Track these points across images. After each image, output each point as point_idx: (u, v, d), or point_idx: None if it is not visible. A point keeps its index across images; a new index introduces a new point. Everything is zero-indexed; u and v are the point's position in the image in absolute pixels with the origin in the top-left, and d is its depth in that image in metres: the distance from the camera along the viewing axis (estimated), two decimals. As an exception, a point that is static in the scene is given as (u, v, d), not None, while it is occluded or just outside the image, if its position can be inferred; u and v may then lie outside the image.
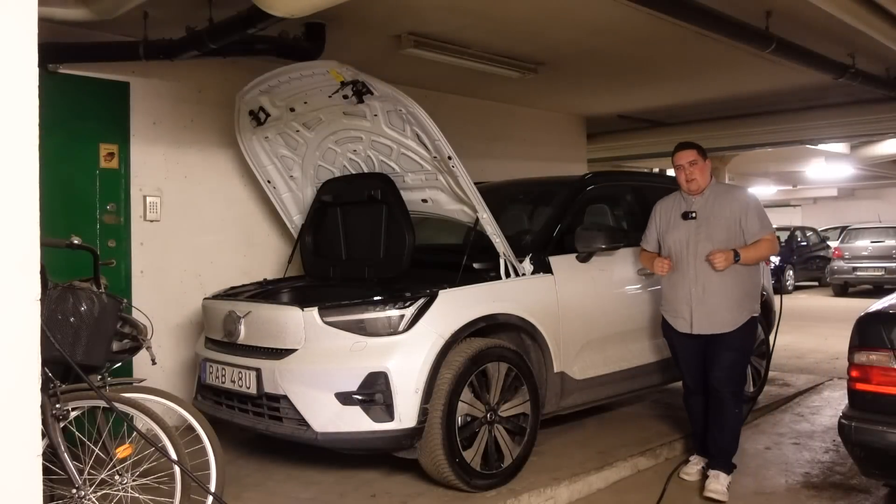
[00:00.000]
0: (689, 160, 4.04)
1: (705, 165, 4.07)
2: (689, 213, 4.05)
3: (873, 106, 8.07)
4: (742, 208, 3.98)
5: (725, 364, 3.95)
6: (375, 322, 3.73)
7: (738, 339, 3.96)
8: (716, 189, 4.11)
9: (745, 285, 3.99)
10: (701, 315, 3.97)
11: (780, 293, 6.49)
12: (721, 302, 3.93)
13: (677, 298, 4.07)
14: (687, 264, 4.01)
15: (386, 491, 3.87)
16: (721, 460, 3.99)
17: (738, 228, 3.96)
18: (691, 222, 4.04)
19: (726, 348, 3.95)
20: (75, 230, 3.38)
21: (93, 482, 2.81)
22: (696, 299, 3.97)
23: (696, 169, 4.03)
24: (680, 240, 4.06)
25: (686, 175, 4.05)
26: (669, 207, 4.19)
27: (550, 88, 7.21)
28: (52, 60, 4.62)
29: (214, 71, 5.40)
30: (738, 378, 4.05)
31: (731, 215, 3.98)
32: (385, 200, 4.47)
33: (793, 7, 4.71)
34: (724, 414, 3.97)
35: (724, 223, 3.98)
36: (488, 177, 5.70)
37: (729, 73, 6.79)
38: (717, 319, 3.94)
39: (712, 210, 4.02)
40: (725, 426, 3.99)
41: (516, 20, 5.02)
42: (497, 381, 3.91)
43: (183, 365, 5.23)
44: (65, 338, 2.81)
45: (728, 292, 3.93)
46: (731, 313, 3.94)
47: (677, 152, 4.12)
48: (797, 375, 6.84)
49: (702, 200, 4.06)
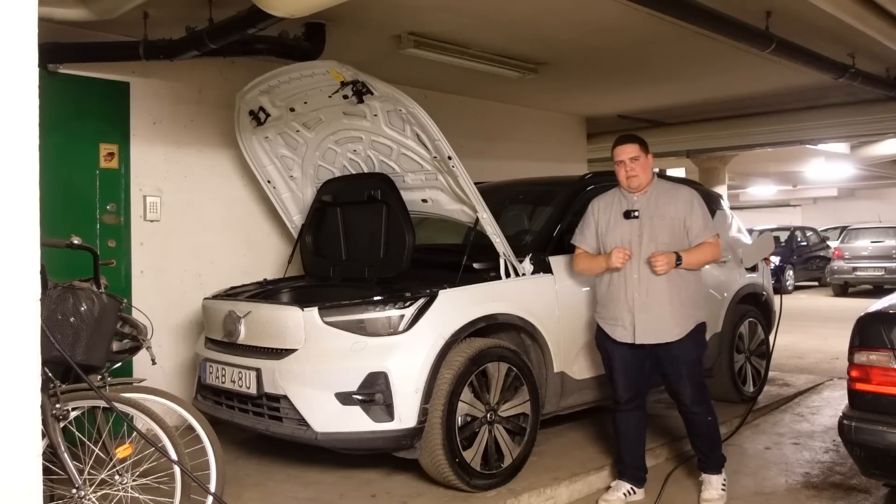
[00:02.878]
0: (631, 156, 3.73)
1: (647, 161, 3.78)
2: (631, 212, 3.75)
3: (873, 106, 8.08)
4: (687, 208, 3.73)
5: (691, 381, 3.75)
6: (375, 322, 3.73)
7: (691, 349, 3.73)
8: (659, 187, 3.83)
9: (690, 290, 3.75)
10: (644, 323, 3.67)
11: (780, 293, 6.48)
12: (666, 308, 3.66)
13: (617, 304, 3.75)
14: (629, 267, 3.70)
15: (386, 491, 3.87)
16: (708, 462, 3.87)
17: (683, 229, 3.72)
18: (634, 222, 3.74)
19: (684, 362, 3.72)
20: (75, 230, 3.38)
21: (93, 482, 2.81)
22: (639, 305, 3.66)
23: (638, 165, 3.73)
24: (621, 240, 3.73)
25: (626, 171, 3.74)
26: (609, 205, 3.86)
27: (550, 88, 7.21)
28: (52, 60, 4.63)
29: (214, 71, 5.40)
30: (699, 386, 3.81)
31: (676, 215, 3.72)
32: (385, 200, 4.47)
33: (793, 7, 4.71)
34: (700, 426, 3.83)
35: (669, 223, 3.72)
36: (488, 177, 5.69)
37: (729, 73, 6.79)
38: (662, 327, 3.67)
39: (656, 209, 3.74)
40: (705, 435, 3.86)
41: (516, 20, 5.02)
42: (497, 381, 3.91)
43: (183, 365, 5.23)
44: (65, 338, 2.81)
45: (674, 298, 3.67)
46: (675, 320, 3.68)
47: (617, 146, 3.81)
48: (797, 375, 6.84)
49: (644, 199, 3.77)
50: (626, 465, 3.91)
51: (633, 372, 3.81)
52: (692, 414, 3.81)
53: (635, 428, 3.88)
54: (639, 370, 3.81)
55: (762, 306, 5.85)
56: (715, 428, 3.88)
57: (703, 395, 3.83)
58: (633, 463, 3.89)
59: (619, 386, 3.86)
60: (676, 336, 3.68)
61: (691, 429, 3.90)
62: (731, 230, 5.87)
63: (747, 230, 6.53)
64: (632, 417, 3.87)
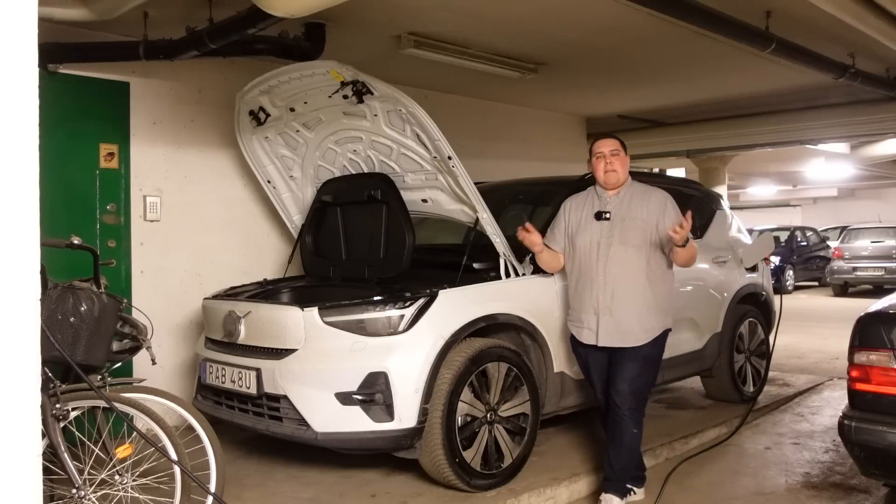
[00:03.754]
0: (612, 149, 3.69)
1: (625, 160, 3.72)
2: (602, 214, 3.68)
3: (873, 106, 8.07)
4: (660, 210, 3.63)
5: (628, 375, 3.58)
6: (375, 322, 3.73)
7: (646, 349, 3.60)
8: (632, 189, 3.74)
9: (658, 295, 3.64)
10: (608, 326, 3.59)
11: (780, 293, 6.48)
12: (631, 312, 3.57)
13: (583, 306, 3.68)
14: (596, 269, 3.63)
15: (386, 491, 3.87)
16: (616, 483, 3.64)
17: (655, 233, 3.60)
18: (604, 223, 3.66)
19: (630, 358, 3.59)
20: (75, 230, 3.38)
21: (93, 482, 2.81)
22: (604, 308, 3.60)
23: (618, 160, 3.68)
24: (591, 241, 3.67)
25: (606, 165, 3.68)
26: (581, 205, 3.80)
27: (550, 88, 7.21)
28: (52, 60, 4.63)
29: (214, 71, 5.40)
30: (640, 394, 3.65)
31: (648, 218, 3.62)
32: (385, 200, 4.47)
33: (793, 7, 4.71)
34: (623, 433, 3.61)
35: (640, 226, 3.61)
36: (488, 177, 5.69)
37: (729, 73, 6.79)
38: (625, 330, 3.58)
39: (628, 211, 3.65)
40: (623, 446, 3.62)
41: (516, 20, 5.01)
42: (497, 381, 3.91)
43: (183, 365, 5.23)
44: (65, 338, 2.82)
45: (640, 301, 3.58)
46: (641, 325, 3.59)
47: (598, 140, 3.77)
48: (797, 375, 6.84)
49: (617, 200, 3.70)
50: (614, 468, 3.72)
51: (606, 374, 3.71)
52: (618, 413, 3.60)
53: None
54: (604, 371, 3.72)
55: (762, 306, 5.85)
56: (634, 445, 3.67)
57: (638, 402, 3.64)
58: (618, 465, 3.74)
59: (597, 389, 3.81)
60: (639, 341, 3.59)
61: (611, 433, 3.68)
62: (731, 230, 5.87)
63: (747, 230, 6.53)
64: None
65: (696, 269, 5.23)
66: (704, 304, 5.25)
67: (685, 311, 5.04)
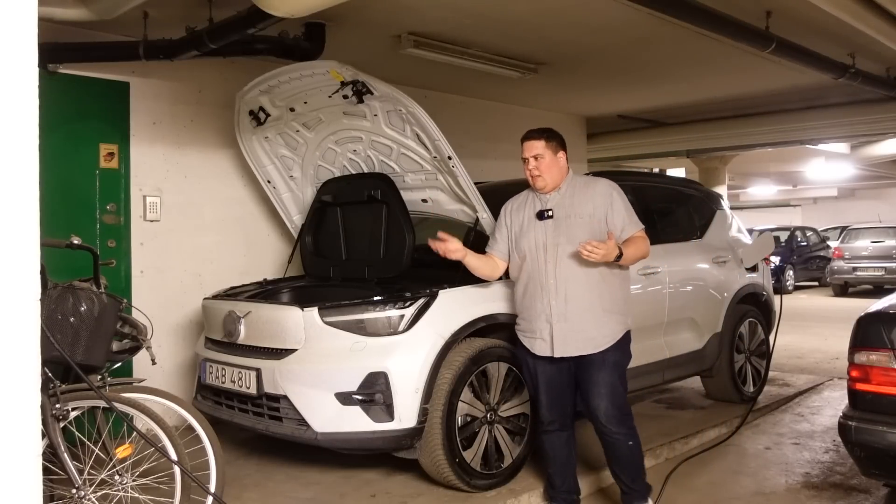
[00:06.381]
0: (534, 153, 3.40)
1: (555, 160, 3.42)
2: (544, 212, 3.41)
3: (873, 106, 8.08)
4: (606, 202, 3.38)
5: (604, 390, 3.32)
6: (375, 322, 3.73)
7: (614, 361, 3.35)
8: (573, 183, 3.48)
9: (614, 295, 3.39)
10: (564, 333, 3.32)
11: (780, 293, 6.48)
12: (587, 316, 3.31)
13: (534, 314, 3.40)
14: (545, 273, 3.36)
15: (386, 491, 3.87)
16: (631, 494, 3.48)
17: (604, 227, 3.35)
18: (548, 222, 3.40)
19: (598, 368, 3.32)
20: (75, 230, 3.38)
21: (93, 482, 2.81)
22: (557, 314, 3.32)
23: (543, 165, 3.40)
24: (536, 243, 3.41)
25: (529, 170, 3.43)
26: (521, 206, 3.55)
27: (550, 88, 7.21)
28: (52, 60, 4.63)
29: (214, 71, 5.40)
30: (622, 404, 3.39)
31: (594, 212, 3.37)
32: (385, 200, 4.47)
33: (793, 7, 4.71)
34: (620, 454, 3.42)
35: (587, 221, 3.36)
36: (488, 177, 5.69)
37: (729, 73, 6.79)
38: (583, 337, 3.31)
39: (572, 207, 3.39)
40: (626, 464, 3.43)
41: (516, 20, 5.02)
42: (497, 381, 3.91)
43: (183, 365, 5.23)
44: (65, 338, 2.81)
45: (596, 303, 3.32)
46: (599, 329, 3.33)
47: (523, 141, 3.48)
48: (797, 375, 6.84)
49: (559, 197, 3.44)
50: (557, 490, 3.62)
51: (557, 388, 3.46)
52: (610, 436, 3.38)
53: (563, 449, 3.57)
54: (564, 386, 3.46)
55: (762, 306, 5.85)
56: (638, 454, 3.45)
57: (624, 414, 3.39)
58: (563, 486, 3.61)
59: (541, 405, 3.53)
60: (600, 347, 3.33)
61: (609, 453, 3.47)
62: (731, 230, 5.87)
63: (747, 230, 6.53)
64: (558, 439, 3.55)
65: (696, 269, 5.25)
66: (704, 304, 5.25)
67: (685, 310, 5.05)
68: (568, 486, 3.63)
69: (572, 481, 3.66)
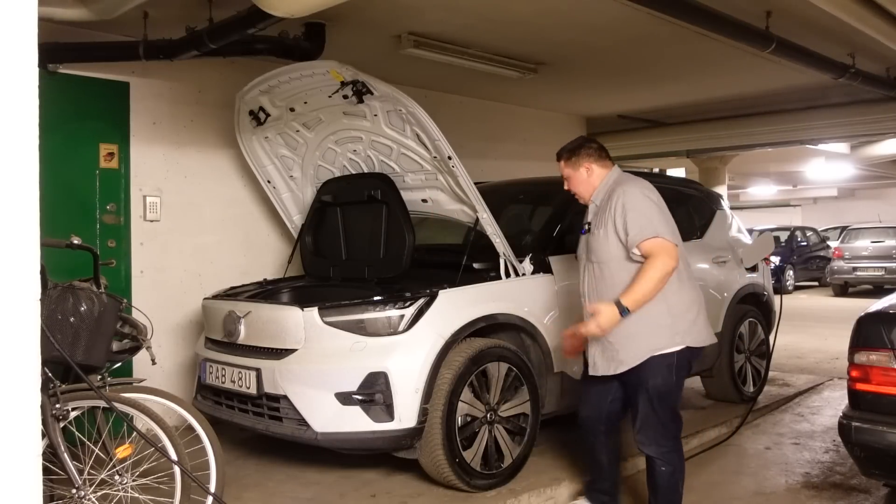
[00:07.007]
0: (562, 174, 3.43)
1: (578, 175, 3.34)
2: (584, 225, 3.37)
3: (873, 106, 8.07)
4: (617, 211, 3.13)
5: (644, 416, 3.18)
6: (375, 322, 3.73)
7: (647, 379, 3.12)
8: (607, 191, 3.28)
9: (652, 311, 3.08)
10: (595, 350, 3.25)
11: (780, 293, 6.48)
12: (613, 336, 3.14)
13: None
14: (581, 290, 3.37)
15: (386, 491, 3.87)
16: None
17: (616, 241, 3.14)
18: (586, 237, 3.35)
19: (634, 391, 3.19)
20: (75, 230, 3.38)
21: (93, 482, 2.82)
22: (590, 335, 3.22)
23: (572, 184, 3.39)
24: (578, 256, 3.43)
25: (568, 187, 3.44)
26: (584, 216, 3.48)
27: (550, 88, 7.21)
28: (52, 60, 4.63)
29: (214, 71, 5.40)
30: (660, 429, 3.18)
31: (610, 222, 3.16)
32: (385, 200, 4.47)
33: (793, 7, 4.71)
34: (654, 476, 3.25)
35: (603, 235, 3.18)
36: (488, 177, 5.70)
37: (729, 73, 6.79)
38: (609, 356, 3.19)
39: (598, 220, 3.24)
40: (658, 487, 3.24)
41: (516, 20, 5.01)
42: (497, 381, 3.91)
43: (183, 365, 5.23)
44: (65, 338, 2.82)
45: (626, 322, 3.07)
46: (624, 349, 3.13)
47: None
48: (797, 375, 6.84)
49: (594, 208, 3.33)
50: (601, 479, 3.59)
51: (595, 394, 3.40)
52: (647, 457, 3.25)
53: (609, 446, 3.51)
54: (601, 393, 3.37)
55: (762, 306, 5.85)
56: (673, 483, 3.23)
57: (659, 437, 3.18)
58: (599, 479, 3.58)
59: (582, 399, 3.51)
60: (625, 366, 3.16)
61: (648, 479, 3.33)
62: (731, 230, 5.87)
63: (747, 230, 6.53)
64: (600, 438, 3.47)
65: (696, 269, 5.23)
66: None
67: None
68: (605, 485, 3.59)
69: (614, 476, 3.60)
